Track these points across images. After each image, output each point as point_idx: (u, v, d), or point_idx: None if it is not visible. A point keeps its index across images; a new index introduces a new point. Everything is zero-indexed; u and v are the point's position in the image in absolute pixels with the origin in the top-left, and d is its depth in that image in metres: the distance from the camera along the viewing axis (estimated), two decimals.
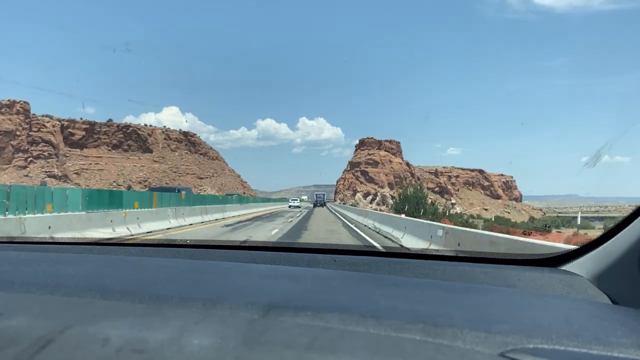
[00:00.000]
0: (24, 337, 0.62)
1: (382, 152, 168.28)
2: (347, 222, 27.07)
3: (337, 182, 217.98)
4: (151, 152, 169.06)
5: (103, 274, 1.08)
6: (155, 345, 0.60)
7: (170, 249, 1.65)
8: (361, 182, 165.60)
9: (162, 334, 0.63)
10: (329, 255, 1.43)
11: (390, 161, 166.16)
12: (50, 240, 2.00)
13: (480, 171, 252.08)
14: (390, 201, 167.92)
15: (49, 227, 10.76)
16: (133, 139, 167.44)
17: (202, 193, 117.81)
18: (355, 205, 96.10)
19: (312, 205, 74.89)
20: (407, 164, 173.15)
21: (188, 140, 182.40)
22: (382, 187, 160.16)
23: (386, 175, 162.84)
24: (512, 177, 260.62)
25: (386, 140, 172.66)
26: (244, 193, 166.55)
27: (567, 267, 1.18)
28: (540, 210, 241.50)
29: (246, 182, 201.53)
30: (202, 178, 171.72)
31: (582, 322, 0.77)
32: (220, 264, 1.27)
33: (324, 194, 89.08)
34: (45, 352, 0.59)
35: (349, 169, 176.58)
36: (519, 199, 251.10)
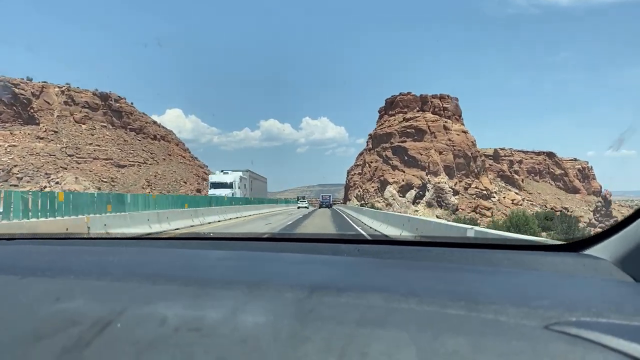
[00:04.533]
0: (84, 318, 0.66)
1: (430, 115, 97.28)
2: None
3: (349, 173, 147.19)
4: (37, 123, 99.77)
5: (143, 263, 1.14)
6: (212, 323, 0.63)
7: (196, 241, 1.74)
8: (394, 168, 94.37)
9: (216, 313, 0.66)
10: (351, 245, 1.48)
11: (446, 129, 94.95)
12: (86, 236, 2.13)
13: (550, 155, 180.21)
14: (453, 199, 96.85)
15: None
16: (5, 103, 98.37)
17: (52, 189, 51.82)
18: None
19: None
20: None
21: (109, 107, 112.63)
22: (436, 174, 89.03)
23: (440, 153, 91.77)
24: (587, 163, 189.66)
25: (434, 96, 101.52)
26: (199, 191, 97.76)
27: (590, 251, 1.19)
28: (630, 207, 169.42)
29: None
30: (123, 166, 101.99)
31: (617, 298, 0.79)
32: (249, 254, 1.32)
33: (329, 196, 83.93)
34: (107, 331, 0.62)
35: (370, 146, 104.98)
36: (598, 193, 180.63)
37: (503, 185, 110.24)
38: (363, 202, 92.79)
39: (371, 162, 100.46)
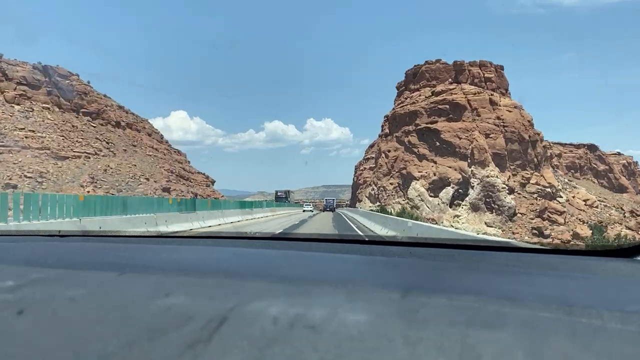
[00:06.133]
0: (198, 314, 0.66)
1: (468, 87, 72.66)
2: None
3: (357, 168, 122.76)
4: None
5: (231, 261, 1.15)
6: (320, 321, 0.62)
7: (256, 241, 1.74)
8: (422, 157, 69.80)
9: (320, 311, 0.65)
10: (403, 248, 1.48)
11: (493, 104, 70.23)
12: (135, 235, 2.10)
13: (591, 147, 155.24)
14: (509, 199, 70.97)
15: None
16: None
17: None
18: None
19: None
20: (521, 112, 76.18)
21: (55, 85, 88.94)
22: (482, 165, 64.29)
23: (487, 136, 67.05)
24: (632, 157, 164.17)
25: (472, 64, 76.91)
26: (168, 190, 74.67)
27: None
28: None
29: (198, 174, 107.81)
30: (64, 158, 78.17)
31: None
32: (316, 254, 1.32)
33: (333, 199, 78.55)
34: (225, 327, 0.62)
35: (387, 131, 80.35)
36: None
37: (566, 181, 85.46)
38: (379, 204, 68.00)
39: (389, 151, 75.84)
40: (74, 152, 79.21)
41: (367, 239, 1.59)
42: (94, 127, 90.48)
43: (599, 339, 0.57)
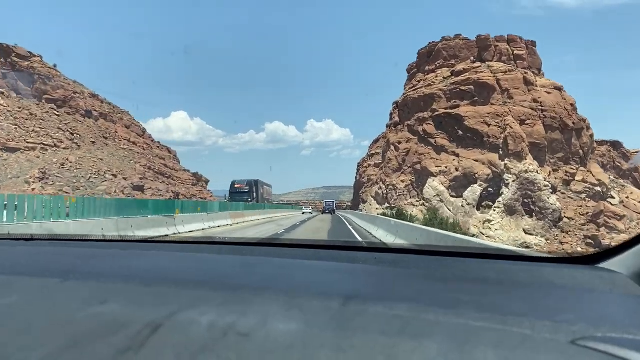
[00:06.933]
0: (134, 321, 0.67)
1: (497, 65, 60.46)
2: None
3: (360, 166, 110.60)
4: None
5: (178, 268, 1.18)
6: (252, 330, 0.65)
7: (215, 246, 1.75)
8: (440, 149, 57.52)
9: (253, 319, 0.68)
10: (368, 253, 1.51)
11: (529, 83, 57.94)
12: (104, 239, 2.09)
13: (614, 145, 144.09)
14: (553, 200, 57.44)
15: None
16: None
17: None
18: None
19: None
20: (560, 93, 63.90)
21: (12, 67, 76.87)
22: (519, 158, 51.93)
23: (523, 122, 54.70)
24: None
25: (499, 39, 64.68)
26: (141, 189, 62.97)
27: (606, 264, 1.17)
28: None
29: (184, 172, 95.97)
30: (15, 150, 66.17)
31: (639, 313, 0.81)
32: (273, 260, 1.35)
33: (333, 202, 79.35)
34: (158, 335, 0.63)
35: (397, 118, 68.13)
36: None
37: (612, 178, 73.31)
38: (388, 205, 55.75)
39: (399, 143, 63.61)
40: (27, 143, 67.21)
41: (335, 245, 1.60)
42: (58, 115, 78.55)
43: (523, 349, 0.58)
